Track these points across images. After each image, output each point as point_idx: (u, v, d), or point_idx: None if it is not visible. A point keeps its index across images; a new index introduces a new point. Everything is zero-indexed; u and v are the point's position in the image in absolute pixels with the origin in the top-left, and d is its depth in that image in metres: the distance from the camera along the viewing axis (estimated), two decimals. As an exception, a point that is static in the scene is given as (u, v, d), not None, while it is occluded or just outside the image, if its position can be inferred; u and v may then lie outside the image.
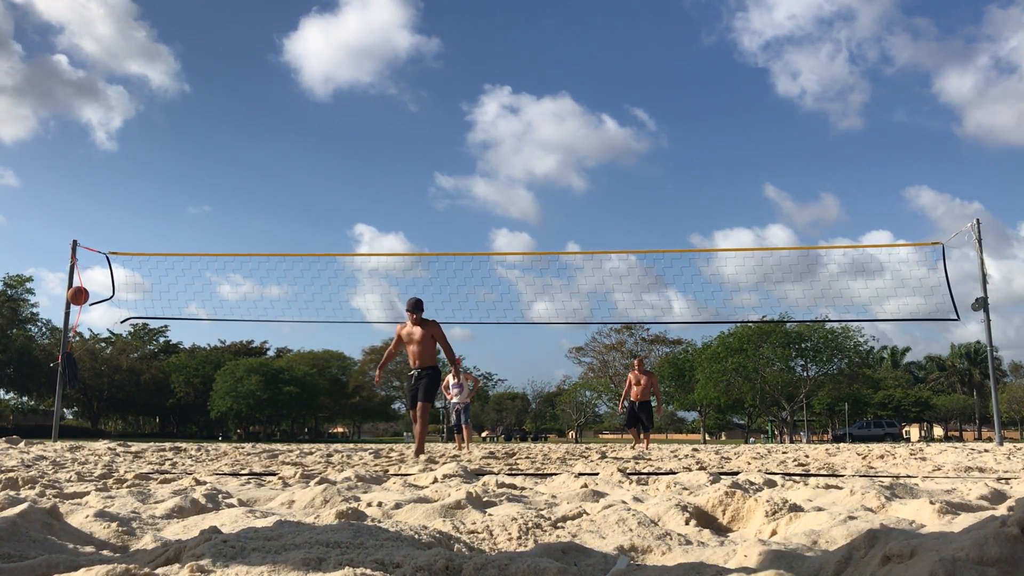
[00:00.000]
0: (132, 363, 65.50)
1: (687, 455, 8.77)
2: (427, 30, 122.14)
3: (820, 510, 2.19)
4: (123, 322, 16.24)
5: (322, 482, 3.45)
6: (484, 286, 17.53)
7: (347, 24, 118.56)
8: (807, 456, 8.49)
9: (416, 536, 1.75)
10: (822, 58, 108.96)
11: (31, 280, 61.08)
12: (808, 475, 4.40)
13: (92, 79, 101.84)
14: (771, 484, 3.36)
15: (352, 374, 68.80)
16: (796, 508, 2.21)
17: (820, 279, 16.88)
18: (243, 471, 4.92)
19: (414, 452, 8.43)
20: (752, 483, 3.34)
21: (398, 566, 1.39)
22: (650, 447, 13.58)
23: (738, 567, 1.45)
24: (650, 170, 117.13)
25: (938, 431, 74.75)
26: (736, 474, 4.15)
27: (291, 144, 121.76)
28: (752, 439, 62.04)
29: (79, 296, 14.03)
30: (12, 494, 2.79)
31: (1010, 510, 2.24)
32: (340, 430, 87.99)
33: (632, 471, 4.75)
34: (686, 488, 3.34)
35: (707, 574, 1.35)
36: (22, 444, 10.56)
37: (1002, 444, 14.47)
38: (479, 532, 1.94)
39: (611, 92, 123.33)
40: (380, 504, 2.55)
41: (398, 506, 2.52)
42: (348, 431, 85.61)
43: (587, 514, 2.23)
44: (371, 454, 8.50)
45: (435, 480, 3.82)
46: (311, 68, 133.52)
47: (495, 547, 1.86)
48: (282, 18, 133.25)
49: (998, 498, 2.79)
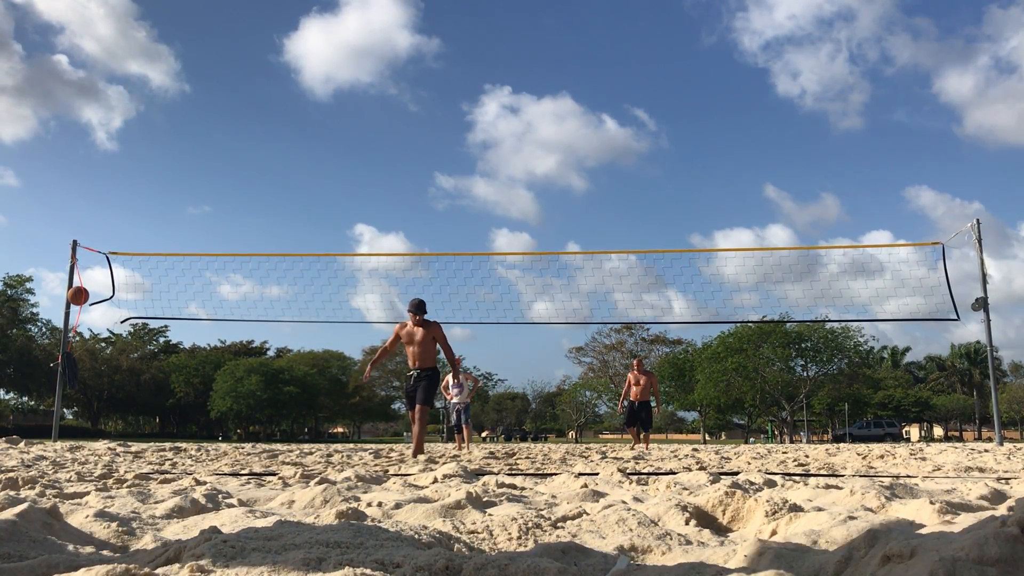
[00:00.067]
0: (132, 363, 65.47)
1: (687, 455, 8.77)
2: (427, 30, 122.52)
3: (820, 510, 2.19)
4: (123, 322, 16.27)
5: (322, 482, 3.45)
6: (484, 286, 17.55)
7: (347, 24, 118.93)
8: (807, 456, 8.49)
9: (416, 536, 1.75)
10: (822, 58, 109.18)
11: (31, 280, 61.17)
12: (808, 475, 4.40)
13: (92, 79, 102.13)
14: (771, 484, 3.35)
15: (352, 374, 68.81)
16: (796, 508, 2.21)
17: (820, 279, 16.92)
18: (243, 471, 4.92)
19: (412, 453, 8.43)
20: (752, 483, 3.34)
21: (398, 566, 1.39)
22: (650, 447, 13.59)
23: (738, 567, 1.45)
24: (650, 170, 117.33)
25: (938, 431, 74.75)
26: (736, 474, 4.15)
27: (291, 144, 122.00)
28: (752, 439, 62.03)
29: (79, 296, 14.04)
30: (12, 494, 2.79)
31: (1010, 510, 2.24)
32: (340, 430, 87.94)
33: (632, 471, 4.75)
34: (686, 488, 3.33)
35: (707, 574, 1.35)
36: (22, 444, 10.56)
37: (1002, 444, 14.47)
38: (479, 532, 1.94)
39: (611, 92, 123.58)
40: (380, 504, 2.55)
41: (398, 506, 2.51)
42: (348, 431, 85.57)
43: (587, 514, 2.22)
44: (371, 454, 8.49)
45: (435, 480, 3.82)
46: (311, 68, 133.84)
47: (495, 547, 1.86)
48: (282, 18, 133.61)
49: (998, 498, 2.79)
